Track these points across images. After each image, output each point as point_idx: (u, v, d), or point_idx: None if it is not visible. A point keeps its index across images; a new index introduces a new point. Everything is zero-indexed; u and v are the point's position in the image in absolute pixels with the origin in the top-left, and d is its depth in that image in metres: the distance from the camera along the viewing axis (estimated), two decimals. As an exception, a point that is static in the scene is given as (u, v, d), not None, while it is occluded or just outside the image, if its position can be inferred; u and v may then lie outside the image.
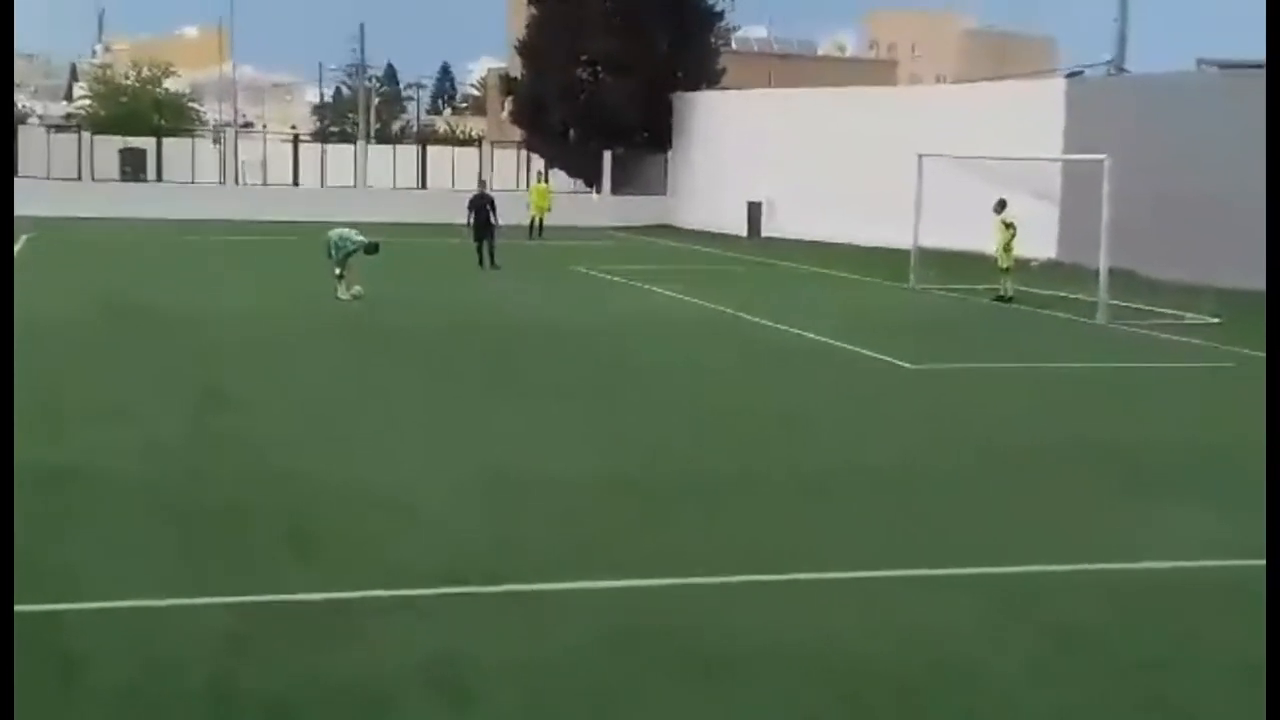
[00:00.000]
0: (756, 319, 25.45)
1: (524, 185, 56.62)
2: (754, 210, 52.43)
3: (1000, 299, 29.62)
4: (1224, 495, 12.83)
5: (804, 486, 12.99)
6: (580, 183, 58.46)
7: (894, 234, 36.82)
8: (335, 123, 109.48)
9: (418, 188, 58.30)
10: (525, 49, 58.42)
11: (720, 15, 60.82)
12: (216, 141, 61.83)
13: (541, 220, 47.21)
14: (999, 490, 13.15)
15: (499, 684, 7.93)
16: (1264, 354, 21.13)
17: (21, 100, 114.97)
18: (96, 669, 7.98)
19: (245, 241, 41.97)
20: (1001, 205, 30.24)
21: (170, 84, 75.41)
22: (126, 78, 75.69)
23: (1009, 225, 29.97)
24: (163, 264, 34.17)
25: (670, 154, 57.94)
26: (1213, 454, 14.89)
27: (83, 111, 77.50)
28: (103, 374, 18.25)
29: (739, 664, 8.31)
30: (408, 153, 62.87)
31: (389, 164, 59.10)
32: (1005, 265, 29.91)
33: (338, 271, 26.90)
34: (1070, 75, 49.74)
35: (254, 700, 7.63)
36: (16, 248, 33.60)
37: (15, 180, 50.07)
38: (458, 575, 9.75)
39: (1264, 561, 9.32)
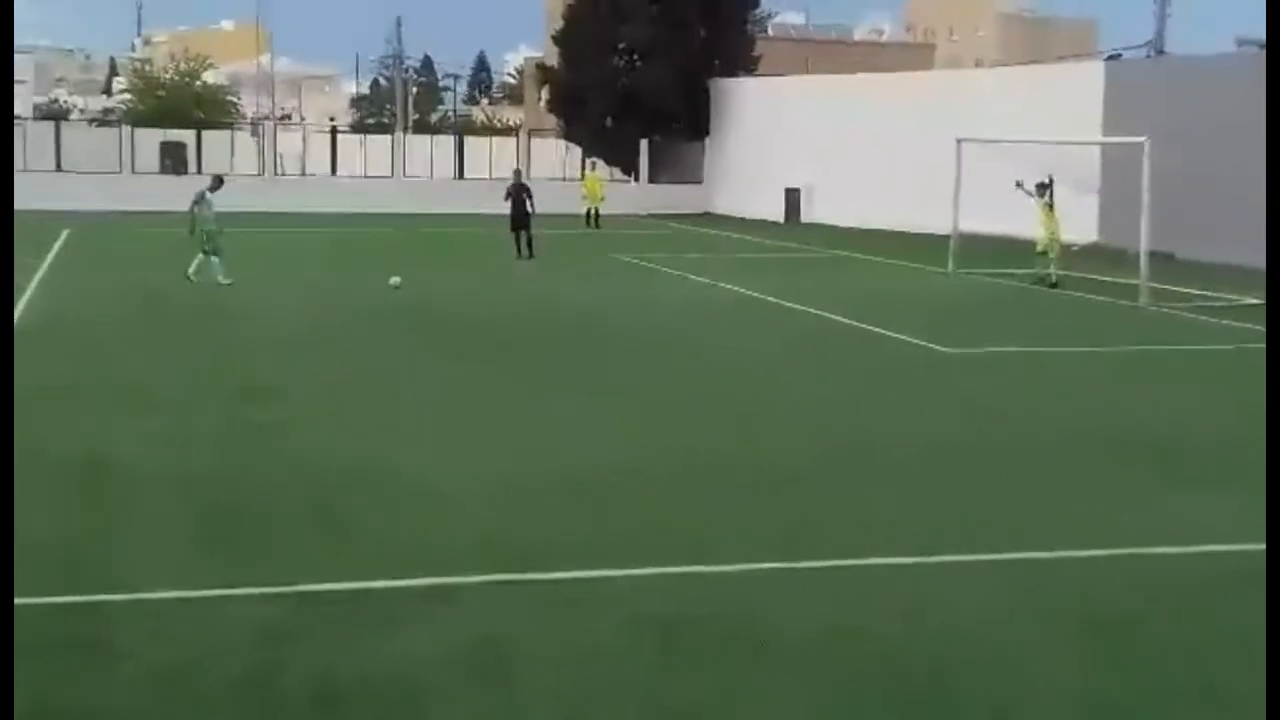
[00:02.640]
0: (794, 305, 25.40)
1: (563, 174, 56.74)
2: (792, 197, 52.33)
3: (1040, 282, 29.46)
4: (1262, 478, 12.71)
5: (838, 472, 12.97)
6: (618, 171, 58.46)
7: (933, 219, 36.70)
8: (373, 114, 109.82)
9: (455, 178, 58.44)
10: (562, 38, 58.43)
11: (756, 2, 60.74)
12: (255, 134, 62.08)
13: (596, 210, 47.12)
14: (1035, 475, 13.08)
15: (536, 671, 7.95)
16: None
17: (62, 95, 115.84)
18: (133, 660, 8.00)
19: (284, 232, 42.12)
20: (1042, 188, 30.04)
21: (208, 77, 75.82)
22: (165, 71, 76.13)
23: (1050, 208, 29.80)
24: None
25: (708, 141, 57.88)
26: (1252, 438, 14.77)
27: (122, 106, 78.01)
28: (139, 366, 18.33)
29: (771, 650, 8.31)
30: (445, 143, 63.04)
31: (426, 154, 59.28)
32: (1044, 250, 29.73)
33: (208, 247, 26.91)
34: (1109, 58, 49.57)
35: (292, 690, 7.66)
36: (57, 243, 33.85)
37: (59, 175, 50.85)
38: (493, 563, 9.77)
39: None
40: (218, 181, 28.60)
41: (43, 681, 7.49)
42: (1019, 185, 30.03)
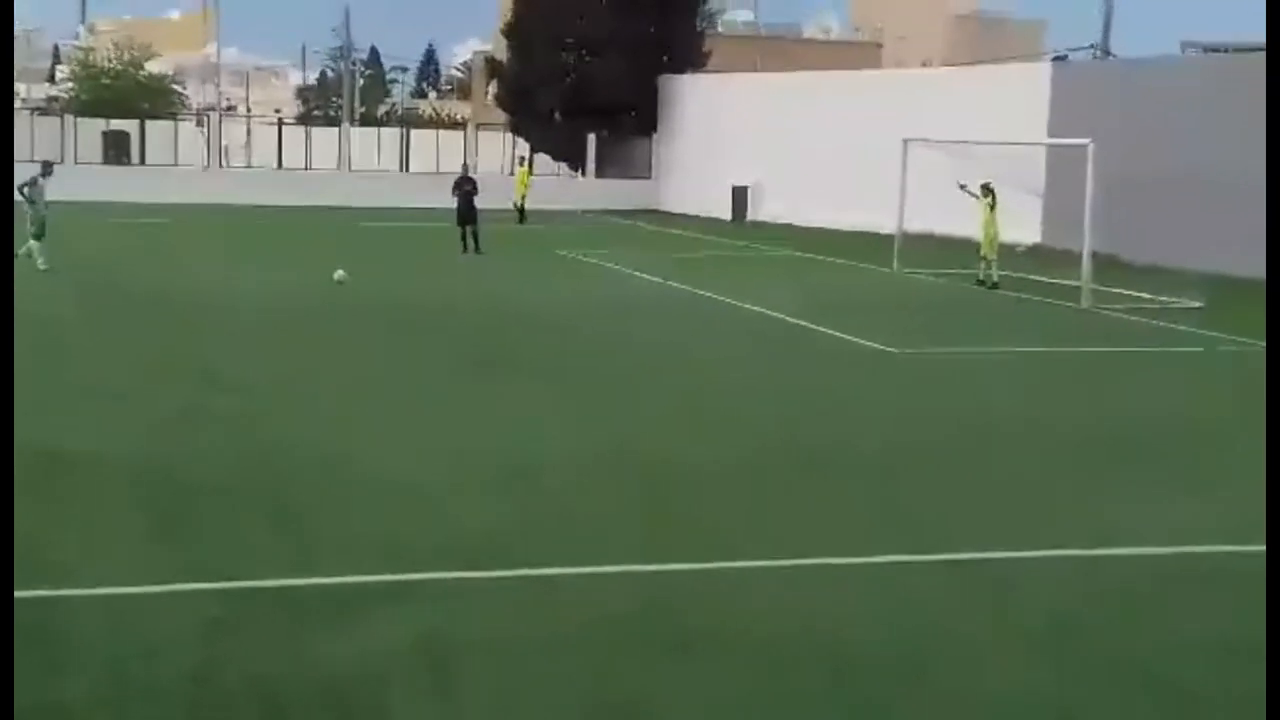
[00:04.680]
0: (741, 304, 25.44)
1: (511, 169, 56.52)
2: (739, 194, 52.41)
3: (981, 283, 29.61)
4: (1205, 480, 12.87)
5: (788, 472, 13.02)
6: (565, 166, 58.35)
7: (879, 219, 36.84)
8: (319, 106, 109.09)
9: (401, 171, 58.17)
10: (511, 32, 58.28)
11: (706, -2, 60.76)
12: (200, 124, 61.60)
13: (520, 203, 46.70)
14: (983, 475, 13.18)
15: (486, 668, 7.96)
16: (1246, 339, 21.23)
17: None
18: (83, 656, 7.97)
19: (229, 224, 41.85)
20: (985, 190, 30.14)
21: (153, 66, 75.06)
22: (109, 60, 75.33)
23: (991, 208, 29.92)
24: (147, 248, 34.08)
25: (656, 137, 57.87)
26: (1193, 438, 14.93)
27: (65, 94, 77.14)
28: (91, 358, 18.23)
29: (726, 647, 8.36)
30: (392, 136, 62.73)
31: (373, 147, 59.00)
32: (985, 254, 29.86)
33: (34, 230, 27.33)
34: (1055, 59, 49.79)
35: (242, 686, 7.65)
36: None
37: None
38: (447, 559, 9.78)
39: (1245, 547, 9.40)
40: (48, 167, 29.05)
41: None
42: (962, 187, 30.19)
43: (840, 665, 8.18)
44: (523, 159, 51.75)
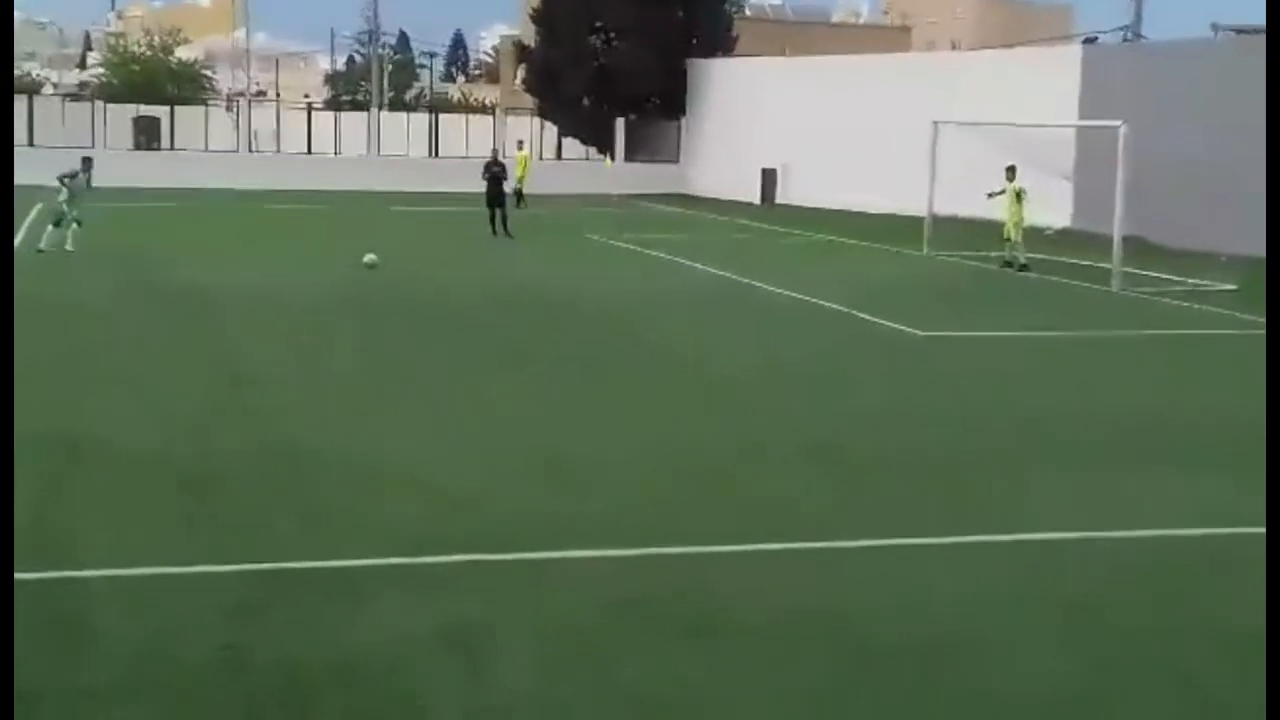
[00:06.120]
0: (769, 287, 25.40)
1: (539, 153, 56.43)
2: (768, 177, 52.35)
3: (1008, 265, 29.50)
4: (1234, 462, 12.78)
5: (814, 455, 12.96)
6: (593, 150, 58.34)
7: (908, 201, 36.73)
8: (348, 91, 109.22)
9: (430, 156, 58.25)
10: (539, 16, 58.27)
11: (734, -18, 60.68)
12: (230, 110, 61.78)
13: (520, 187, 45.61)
14: (1009, 458, 13.11)
15: (509, 651, 7.95)
16: None
17: (35, 69, 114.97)
18: (108, 637, 7.99)
19: (258, 209, 41.96)
20: (1012, 172, 30.02)
21: (182, 52, 75.32)
22: (139, 46, 75.62)
23: (1019, 192, 29.82)
24: (178, 234, 34.18)
25: (684, 121, 57.83)
26: (1224, 421, 14.83)
27: (96, 80, 77.47)
28: (119, 346, 18.25)
29: (749, 632, 8.33)
30: (420, 121, 62.82)
31: (402, 132, 59.08)
32: (1010, 236, 29.75)
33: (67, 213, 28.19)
34: (1086, 41, 49.60)
35: (266, 667, 7.65)
36: (29, 217, 33.59)
37: (31, 150, 50.41)
38: (468, 543, 9.76)
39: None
40: (87, 163, 30.19)
41: (16, 659, 7.45)
42: (991, 196, 30.03)
43: (865, 649, 8.13)
44: (521, 142, 51.53)
